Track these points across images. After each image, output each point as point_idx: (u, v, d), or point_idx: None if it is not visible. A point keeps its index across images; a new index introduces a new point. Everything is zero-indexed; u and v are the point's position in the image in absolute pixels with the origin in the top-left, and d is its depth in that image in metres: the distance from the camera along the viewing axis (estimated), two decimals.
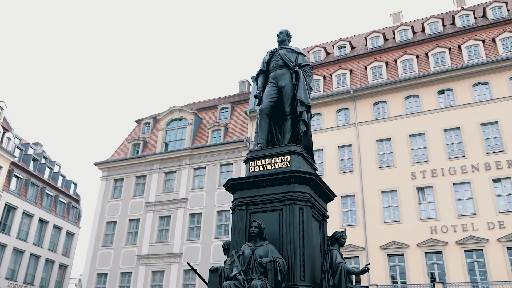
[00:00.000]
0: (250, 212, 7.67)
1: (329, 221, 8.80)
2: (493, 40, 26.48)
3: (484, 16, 29.23)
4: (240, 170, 29.91)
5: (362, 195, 25.47)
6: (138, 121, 38.08)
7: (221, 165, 30.95)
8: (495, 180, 23.15)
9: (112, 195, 33.48)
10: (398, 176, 25.20)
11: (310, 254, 7.26)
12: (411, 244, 23.36)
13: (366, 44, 32.11)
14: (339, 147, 27.37)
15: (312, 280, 7.10)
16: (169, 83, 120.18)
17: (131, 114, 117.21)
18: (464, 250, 22.39)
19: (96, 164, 34.69)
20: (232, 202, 8.05)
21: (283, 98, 8.79)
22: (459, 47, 27.20)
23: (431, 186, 24.36)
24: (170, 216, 30.73)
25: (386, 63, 28.77)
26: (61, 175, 48.59)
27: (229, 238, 28.14)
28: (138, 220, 31.62)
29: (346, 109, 28.44)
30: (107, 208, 33.02)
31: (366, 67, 29.18)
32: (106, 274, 30.75)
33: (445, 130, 25.33)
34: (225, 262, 8.32)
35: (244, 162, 8.46)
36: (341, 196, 25.01)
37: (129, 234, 31.55)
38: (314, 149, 9.01)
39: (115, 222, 32.27)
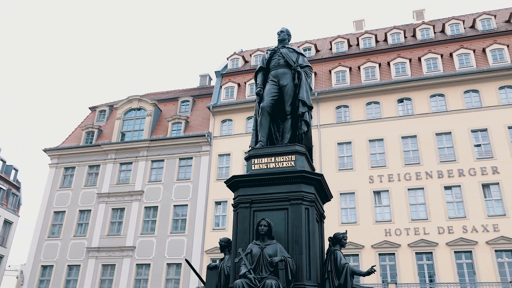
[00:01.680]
0: (254, 210, 7.61)
1: None
2: (451, 55, 27.95)
3: (443, 31, 30.79)
4: (200, 165, 29.58)
5: None
6: (93, 108, 36.57)
7: (181, 159, 30.40)
8: (446, 188, 24.49)
9: (61, 184, 31.94)
10: (357, 179, 25.98)
11: (315, 254, 7.34)
12: (366, 245, 24.19)
13: (330, 48, 32.79)
14: None
15: (316, 280, 7.18)
16: (125, 71, 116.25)
17: (84, 100, 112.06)
18: (415, 253, 23.52)
19: (45, 150, 32.92)
20: (234, 199, 7.95)
21: (284, 97, 8.78)
22: (419, 59, 28.47)
23: (387, 190, 25.36)
24: (124, 208, 29.78)
25: (350, 69, 29.55)
26: (1, 160, 45.77)
27: (185, 233, 27.48)
28: (89, 211, 30.38)
29: None
30: (55, 197, 31.45)
31: (330, 71, 29.80)
32: (51, 266, 29.29)
33: (402, 138, 26.42)
34: (222, 259, 8.20)
35: (245, 160, 8.39)
36: None
37: (79, 225, 30.24)
38: None
39: (63, 212, 30.81)
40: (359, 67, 29.41)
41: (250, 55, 34.54)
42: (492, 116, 25.27)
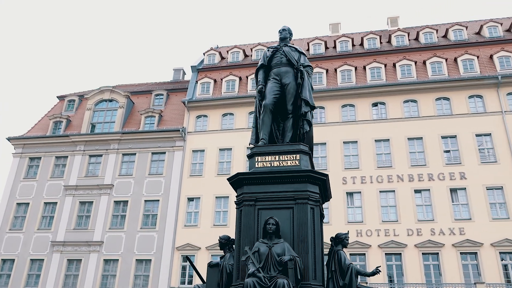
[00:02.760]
0: (258, 208, 7.55)
1: None
2: (424, 62, 28.78)
3: (417, 39, 31.66)
4: (173, 160, 29.14)
5: None
6: (61, 98, 35.33)
7: (153, 153, 29.83)
8: (416, 191, 25.23)
9: (26, 175, 30.67)
10: (330, 180, 25.90)
11: (320, 254, 7.38)
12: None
13: (308, 50, 33.02)
14: None
15: (321, 280, 7.22)
16: (94, 60, 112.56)
17: (51, 88, 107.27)
18: (385, 254, 24.12)
19: (9, 139, 31.49)
20: (237, 196, 7.85)
21: (286, 96, 8.77)
22: (394, 64, 29.15)
23: (360, 192, 25.86)
24: (92, 202, 28.91)
25: (327, 71, 29.89)
26: None
27: (156, 229, 26.88)
28: (55, 203, 29.31)
29: None
30: (18, 188, 30.16)
31: None
32: (12, 260, 28.06)
33: (375, 141, 26.99)
34: (222, 257, 8.07)
35: (248, 157, 8.31)
36: None
37: (43, 218, 29.13)
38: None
39: (27, 204, 29.59)
40: (335, 70, 29.79)
41: (227, 52, 34.35)
42: (461, 123, 26.22)
